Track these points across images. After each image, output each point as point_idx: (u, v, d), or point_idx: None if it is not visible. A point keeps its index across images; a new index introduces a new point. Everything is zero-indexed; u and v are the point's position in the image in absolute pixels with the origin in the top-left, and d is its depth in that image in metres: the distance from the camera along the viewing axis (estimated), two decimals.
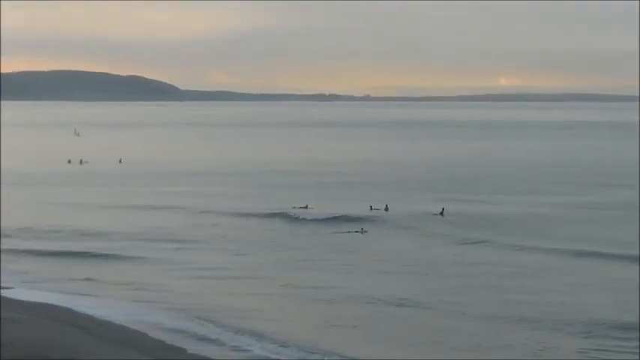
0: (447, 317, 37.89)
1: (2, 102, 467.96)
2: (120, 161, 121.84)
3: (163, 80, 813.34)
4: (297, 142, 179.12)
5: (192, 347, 32.96)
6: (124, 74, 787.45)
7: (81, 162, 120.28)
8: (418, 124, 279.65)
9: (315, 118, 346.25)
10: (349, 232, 61.63)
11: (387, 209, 70.39)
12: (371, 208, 70.55)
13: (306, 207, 71.44)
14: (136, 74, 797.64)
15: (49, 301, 39.68)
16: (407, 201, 75.93)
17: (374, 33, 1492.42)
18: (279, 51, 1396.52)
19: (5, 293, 40.50)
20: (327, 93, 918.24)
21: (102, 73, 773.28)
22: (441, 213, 68.20)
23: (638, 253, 50.59)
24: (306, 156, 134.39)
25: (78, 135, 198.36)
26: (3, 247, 53.97)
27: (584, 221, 65.63)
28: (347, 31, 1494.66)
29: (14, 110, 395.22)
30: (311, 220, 66.26)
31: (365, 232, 61.67)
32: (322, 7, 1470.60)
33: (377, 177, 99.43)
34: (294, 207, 71.69)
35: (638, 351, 32.48)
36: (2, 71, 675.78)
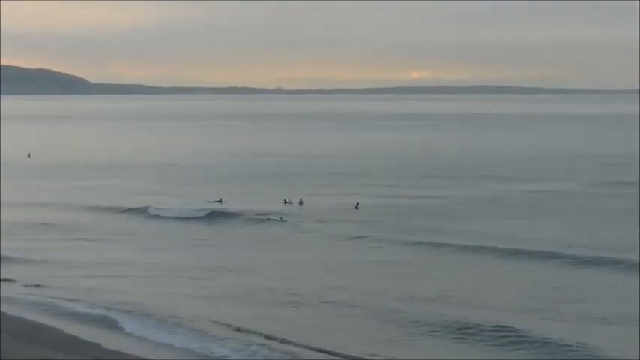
0: (355, 311, 37.92)
1: None
2: (29, 156, 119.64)
3: (73, 73, 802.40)
4: (210, 135, 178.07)
5: (107, 342, 32.66)
6: (33, 67, 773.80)
7: None
8: (332, 117, 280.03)
9: (228, 111, 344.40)
10: (268, 219, 62.36)
11: (301, 203, 70.49)
12: (285, 202, 70.60)
13: (220, 201, 71.15)
14: (45, 67, 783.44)
15: None
16: (322, 194, 76.11)
17: (286, 26, 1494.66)
18: (192, 44, 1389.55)
19: None
20: (239, 85, 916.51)
21: (14, 66, 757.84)
22: (356, 207, 68.49)
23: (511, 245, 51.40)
24: (219, 149, 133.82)
25: None
26: None
27: (484, 215, 65.48)
28: (260, 25, 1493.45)
29: None
30: (224, 214, 65.89)
31: (284, 221, 61.97)
32: (235, 1, 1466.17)
33: (293, 170, 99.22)
34: (207, 201, 71.32)
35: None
36: None
